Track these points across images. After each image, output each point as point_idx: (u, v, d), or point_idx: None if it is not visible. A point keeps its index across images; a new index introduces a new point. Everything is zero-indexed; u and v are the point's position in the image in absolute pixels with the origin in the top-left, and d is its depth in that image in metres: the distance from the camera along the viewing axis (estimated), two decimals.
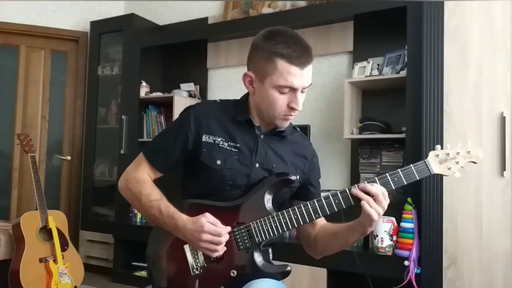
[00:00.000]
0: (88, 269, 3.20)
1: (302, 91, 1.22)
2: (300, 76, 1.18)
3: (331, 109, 3.02)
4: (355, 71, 2.73)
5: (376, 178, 1.18)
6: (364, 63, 2.72)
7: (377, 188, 1.15)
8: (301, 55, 1.17)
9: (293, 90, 1.20)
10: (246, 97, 1.34)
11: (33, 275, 2.56)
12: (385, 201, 1.15)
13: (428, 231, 2.19)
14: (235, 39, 3.32)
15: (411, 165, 1.19)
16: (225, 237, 1.17)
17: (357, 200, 1.16)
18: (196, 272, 1.22)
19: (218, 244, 1.16)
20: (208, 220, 1.16)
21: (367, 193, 1.15)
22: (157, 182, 1.32)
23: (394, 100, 2.73)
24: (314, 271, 2.57)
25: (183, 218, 1.19)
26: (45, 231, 2.71)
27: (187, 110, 1.33)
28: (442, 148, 1.21)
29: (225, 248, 1.18)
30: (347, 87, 2.68)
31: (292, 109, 1.22)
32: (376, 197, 1.14)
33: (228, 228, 1.19)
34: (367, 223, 1.17)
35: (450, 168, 1.19)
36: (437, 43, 2.22)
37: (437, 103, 2.20)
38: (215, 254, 1.18)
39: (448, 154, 1.20)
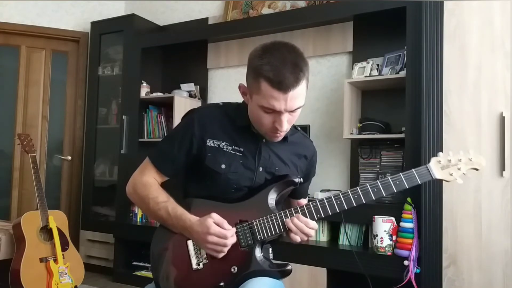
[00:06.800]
0: (88, 269, 3.21)
1: (293, 111, 1.17)
2: (283, 100, 1.13)
3: (331, 109, 3.03)
4: (354, 72, 2.74)
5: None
6: (364, 63, 2.73)
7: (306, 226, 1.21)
8: (285, 79, 1.10)
9: (276, 111, 1.16)
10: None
11: (34, 274, 2.56)
12: (312, 232, 1.22)
13: (427, 231, 2.19)
14: (235, 40, 3.33)
15: (413, 169, 1.21)
16: (230, 240, 1.18)
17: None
18: (198, 267, 1.23)
19: (223, 246, 1.17)
20: (214, 221, 1.17)
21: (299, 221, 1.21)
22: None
23: (393, 100, 2.73)
24: (314, 271, 2.58)
25: (190, 218, 1.21)
26: (46, 231, 2.72)
27: (190, 114, 1.33)
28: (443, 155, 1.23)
29: (229, 247, 1.19)
30: (346, 87, 2.69)
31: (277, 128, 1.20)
32: (301, 230, 1.20)
33: (234, 230, 1.20)
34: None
35: (452, 174, 1.21)
36: (436, 44, 2.22)
37: (437, 103, 2.20)
38: (220, 255, 1.19)
39: (450, 160, 1.21)
